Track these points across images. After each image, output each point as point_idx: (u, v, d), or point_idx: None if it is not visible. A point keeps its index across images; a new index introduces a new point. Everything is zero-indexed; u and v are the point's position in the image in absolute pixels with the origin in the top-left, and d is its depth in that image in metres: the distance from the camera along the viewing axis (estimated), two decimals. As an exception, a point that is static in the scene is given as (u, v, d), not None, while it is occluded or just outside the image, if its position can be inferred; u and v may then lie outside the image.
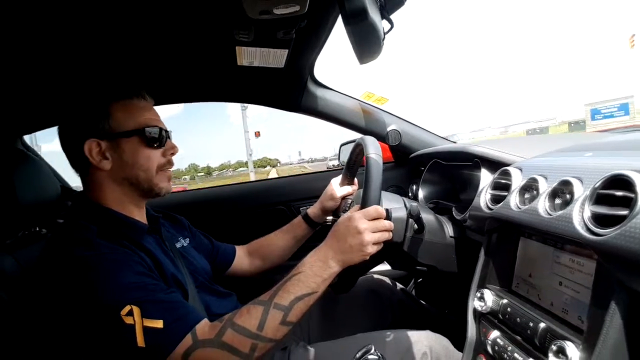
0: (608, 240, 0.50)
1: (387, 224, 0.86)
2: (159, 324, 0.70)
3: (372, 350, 0.61)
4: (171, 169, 0.92)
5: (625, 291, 0.51)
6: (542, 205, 0.66)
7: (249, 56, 1.09)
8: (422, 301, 1.35)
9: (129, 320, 0.68)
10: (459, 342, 0.97)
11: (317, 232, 1.26)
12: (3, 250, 0.89)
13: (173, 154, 0.91)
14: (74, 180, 1.02)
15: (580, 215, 0.57)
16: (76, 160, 0.86)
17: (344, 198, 1.24)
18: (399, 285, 1.33)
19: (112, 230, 0.81)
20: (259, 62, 1.13)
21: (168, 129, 0.91)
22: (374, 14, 0.63)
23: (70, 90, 1.13)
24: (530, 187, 0.74)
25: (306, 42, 1.07)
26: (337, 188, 1.24)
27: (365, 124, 1.54)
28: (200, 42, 1.02)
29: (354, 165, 1.23)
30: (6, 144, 1.31)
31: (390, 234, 0.87)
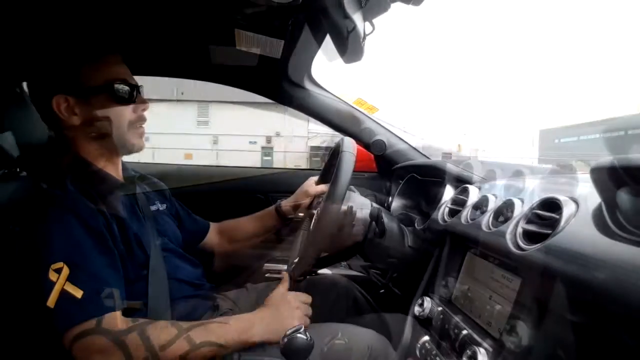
0: (529, 255, 0.53)
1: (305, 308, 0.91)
2: (78, 293, 0.69)
3: (302, 330, 0.63)
4: (144, 125, 0.91)
5: (537, 306, 0.54)
6: (487, 220, 0.70)
7: (247, 41, 1.13)
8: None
9: (53, 276, 0.69)
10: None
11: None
12: None
13: (144, 109, 0.90)
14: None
15: (513, 232, 0.60)
16: (46, 116, 0.88)
17: (317, 196, 1.27)
18: (356, 286, 1.35)
19: (84, 179, 0.82)
20: (256, 48, 1.17)
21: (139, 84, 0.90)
22: (353, 14, 0.67)
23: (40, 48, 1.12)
24: (482, 204, 0.78)
25: (303, 37, 1.10)
26: (312, 186, 1.26)
27: (354, 129, 1.58)
28: (198, 18, 1.04)
29: (332, 167, 1.25)
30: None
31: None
